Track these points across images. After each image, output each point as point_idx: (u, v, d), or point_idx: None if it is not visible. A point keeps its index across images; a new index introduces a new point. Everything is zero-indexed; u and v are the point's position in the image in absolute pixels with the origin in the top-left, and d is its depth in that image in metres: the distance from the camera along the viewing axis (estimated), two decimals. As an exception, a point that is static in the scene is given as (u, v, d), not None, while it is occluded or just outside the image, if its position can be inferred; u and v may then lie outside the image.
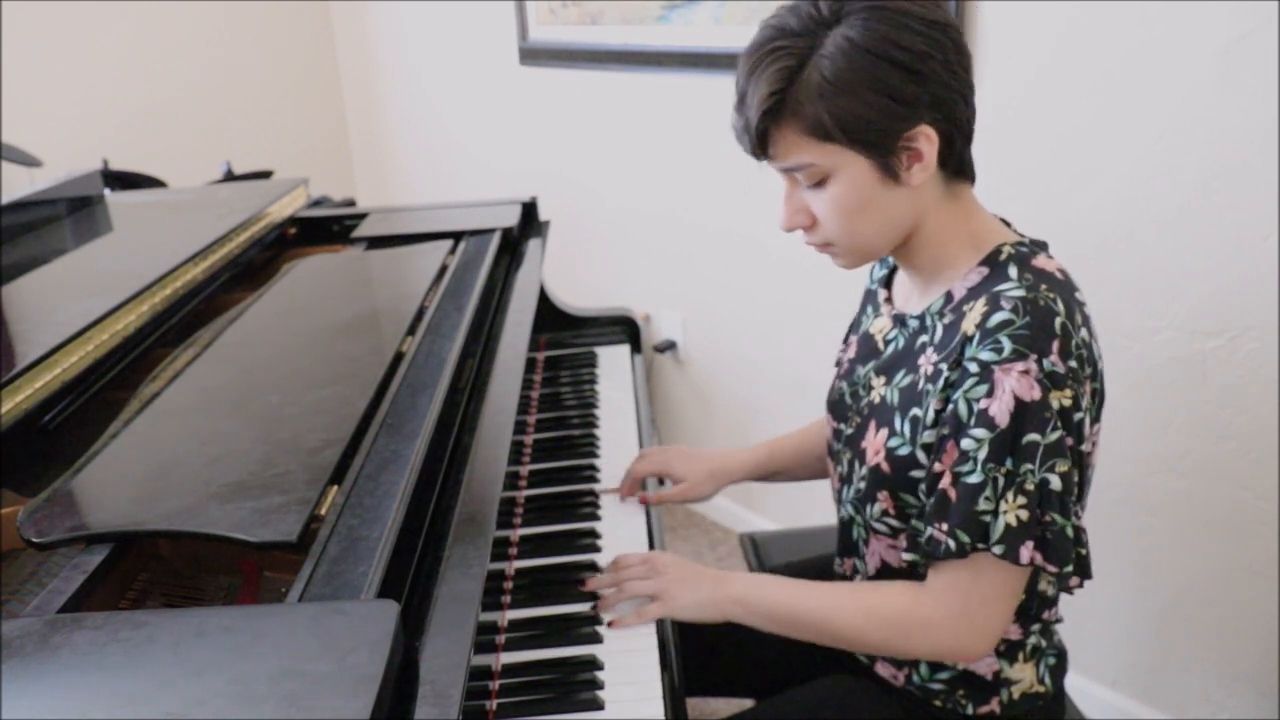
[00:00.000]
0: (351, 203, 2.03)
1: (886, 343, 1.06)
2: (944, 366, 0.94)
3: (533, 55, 2.62)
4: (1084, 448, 0.93)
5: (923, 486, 0.96)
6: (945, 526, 0.91)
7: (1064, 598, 1.09)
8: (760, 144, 0.93)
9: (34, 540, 0.79)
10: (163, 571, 0.94)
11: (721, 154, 2.23)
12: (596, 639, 1.03)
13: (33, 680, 0.60)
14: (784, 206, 0.98)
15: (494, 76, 2.82)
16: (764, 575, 1.07)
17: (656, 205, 2.45)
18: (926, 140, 0.91)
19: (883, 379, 1.04)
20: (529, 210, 1.77)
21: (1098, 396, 0.96)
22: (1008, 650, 1.05)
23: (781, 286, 2.19)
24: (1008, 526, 0.88)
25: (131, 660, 0.61)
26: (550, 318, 1.77)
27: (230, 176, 2.59)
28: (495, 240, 1.57)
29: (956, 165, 0.96)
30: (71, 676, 0.61)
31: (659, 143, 2.38)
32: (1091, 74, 1.52)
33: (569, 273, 2.59)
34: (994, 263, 0.97)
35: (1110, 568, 1.68)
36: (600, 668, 0.99)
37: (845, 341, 1.18)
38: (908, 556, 0.97)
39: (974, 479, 0.89)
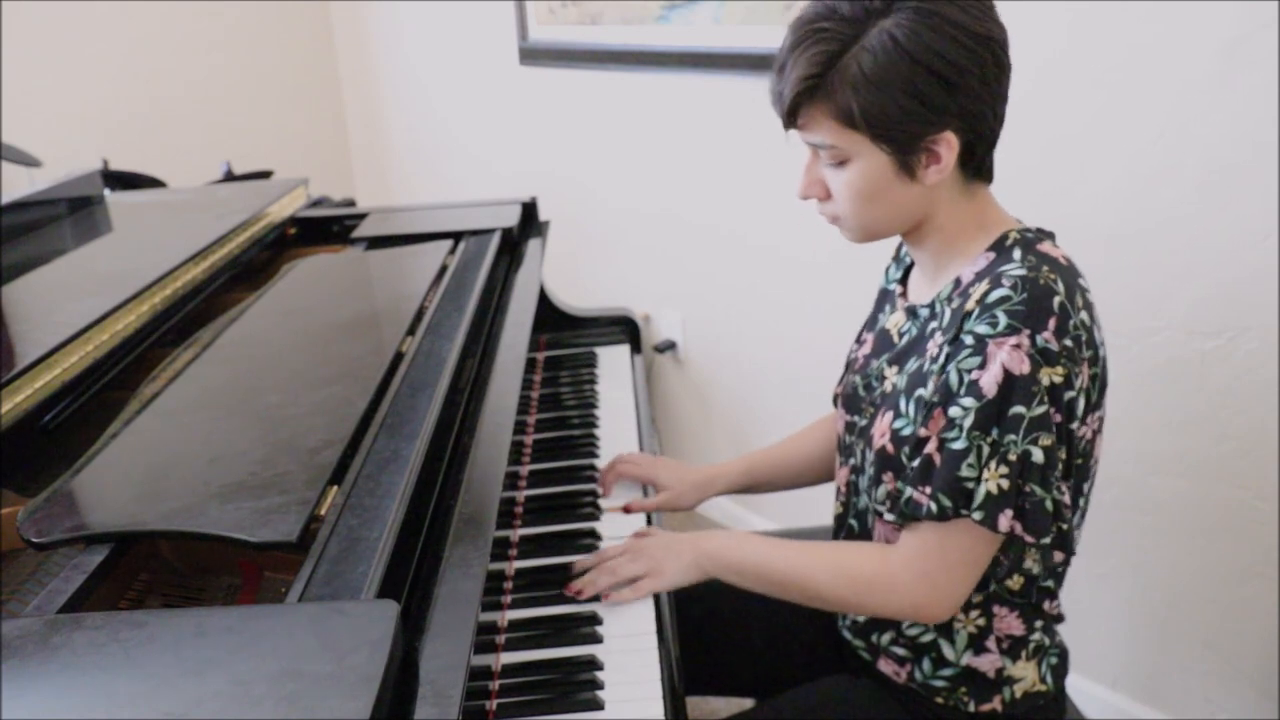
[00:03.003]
0: (351, 203, 2.03)
1: (901, 335, 1.08)
2: (945, 344, 0.95)
3: (533, 55, 2.62)
4: (1075, 427, 0.94)
5: (906, 449, 0.97)
6: (928, 490, 0.93)
7: (1062, 596, 1.09)
8: (790, 116, 0.97)
9: (34, 540, 0.79)
10: (163, 571, 0.94)
11: (722, 154, 2.23)
12: (596, 639, 1.03)
13: (33, 680, 0.60)
14: (803, 175, 1.01)
15: (494, 76, 2.82)
16: (741, 532, 1.09)
17: (656, 205, 2.45)
18: (947, 146, 0.93)
19: (895, 368, 1.05)
20: (529, 210, 1.77)
21: (1098, 381, 0.97)
22: (1011, 648, 1.05)
23: (781, 287, 2.19)
24: (988, 494, 0.90)
25: (131, 660, 0.61)
26: (550, 318, 1.77)
27: (230, 176, 2.59)
28: (495, 240, 1.57)
29: (976, 168, 0.99)
30: (71, 676, 0.60)
31: (659, 143, 2.38)
32: (1092, 73, 1.52)
33: (569, 273, 2.59)
34: (1000, 248, 0.99)
35: (1110, 568, 1.68)
36: (600, 668, 0.99)
37: (859, 340, 1.19)
38: (889, 517, 0.98)
39: (959, 445, 0.91)
